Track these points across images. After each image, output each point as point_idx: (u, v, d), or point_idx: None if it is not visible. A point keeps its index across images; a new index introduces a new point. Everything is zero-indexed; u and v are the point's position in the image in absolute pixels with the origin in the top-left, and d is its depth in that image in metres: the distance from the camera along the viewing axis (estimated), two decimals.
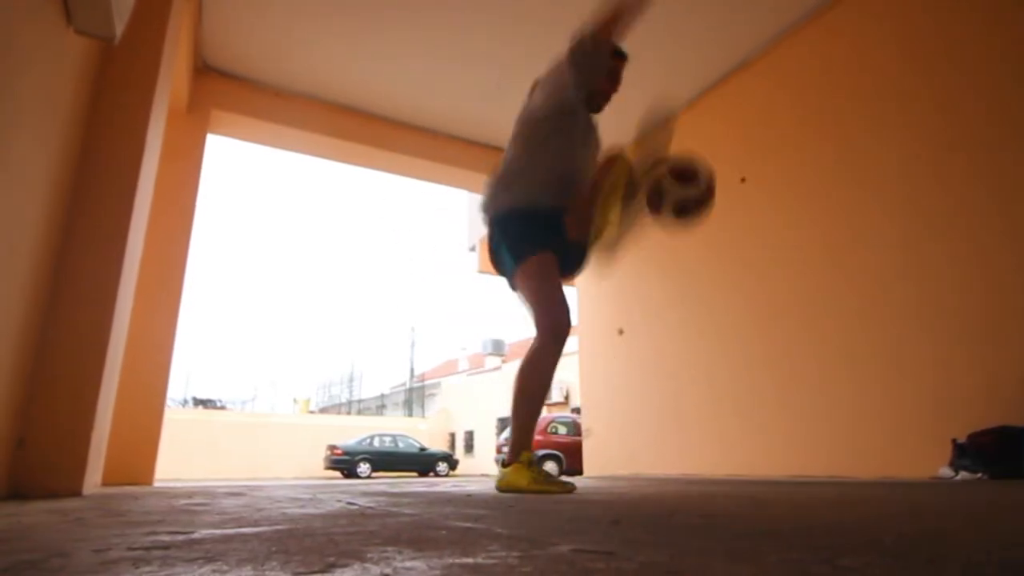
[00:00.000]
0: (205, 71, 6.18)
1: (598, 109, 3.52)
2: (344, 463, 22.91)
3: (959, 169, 4.20)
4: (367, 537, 1.18)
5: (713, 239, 6.05)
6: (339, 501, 2.32)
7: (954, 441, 3.72)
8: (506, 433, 18.76)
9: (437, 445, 28.98)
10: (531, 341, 3.21)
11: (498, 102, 6.86)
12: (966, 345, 3.98)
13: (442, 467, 24.84)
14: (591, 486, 3.73)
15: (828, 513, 1.63)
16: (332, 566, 0.85)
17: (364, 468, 23.03)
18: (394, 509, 1.89)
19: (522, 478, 2.90)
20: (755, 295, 5.58)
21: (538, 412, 3.23)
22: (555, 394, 24.26)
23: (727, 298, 5.88)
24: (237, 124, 6.53)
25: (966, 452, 3.65)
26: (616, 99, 3.52)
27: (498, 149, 7.70)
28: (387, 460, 23.83)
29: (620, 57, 3.53)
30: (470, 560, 0.88)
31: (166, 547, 1.07)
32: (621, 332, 7.15)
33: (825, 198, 5.08)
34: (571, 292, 8.72)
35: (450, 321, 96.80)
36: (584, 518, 1.55)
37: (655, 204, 3.10)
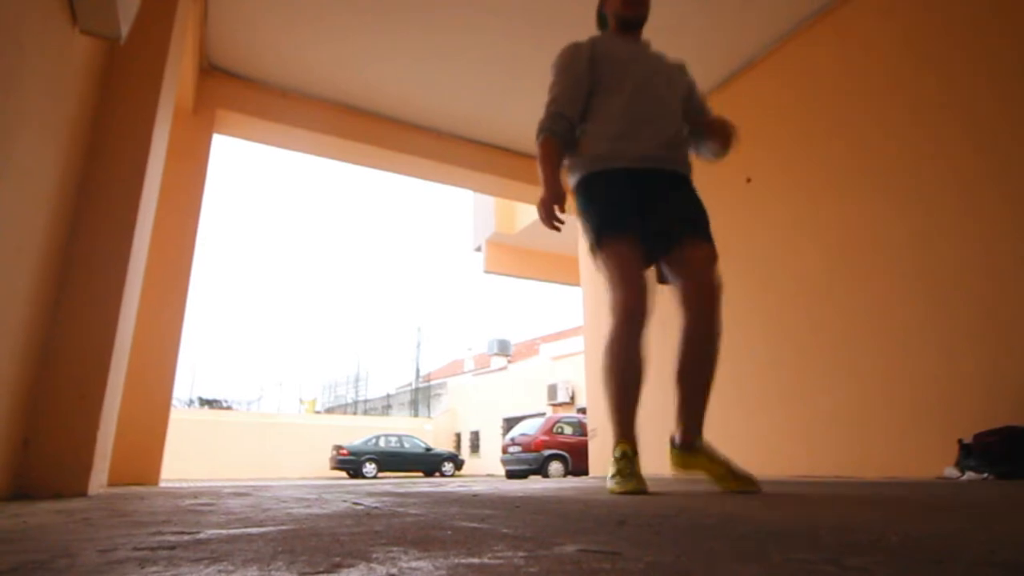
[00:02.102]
0: (211, 71, 6.19)
1: (629, 26, 3.23)
2: (350, 463, 22.94)
3: (968, 168, 4.18)
4: (373, 537, 1.18)
5: (718, 239, 6.04)
6: (345, 501, 2.32)
7: (960, 441, 3.71)
8: (513, 432, 18.71)
9: (443, 445, 29.02)
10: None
11: (503, 103, 6.87)
12: (972, 345, 3.97)
13: (448, 467, 24.86)
14: (597, 486, 3.73)
15: (834, 513, 1.63)
16: (338, 566, 0.85)
17: (370, 468, 23.06)
18: (400, 509, 1.89)
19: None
20: (761, 295, 5.57)
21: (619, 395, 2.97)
22: (560, 394, 24.28)
23: (732, 298, 5.86)
24: (243, 124, 6.54)
25: (972, 452, 3.64)
26: None
27: (504, 150, 7.73)
28: (393, 460, 23.87)
29: None
30: (476, 560, 0.88)
31: (172, 547, 1.07)
32: None
33: (833, 198, 5.07)
34: (577, 291, 8.71)
35: (456, 321, 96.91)
36: (590, 518, 1.54)
37: None
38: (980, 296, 3.98)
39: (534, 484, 4.61)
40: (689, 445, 2.97)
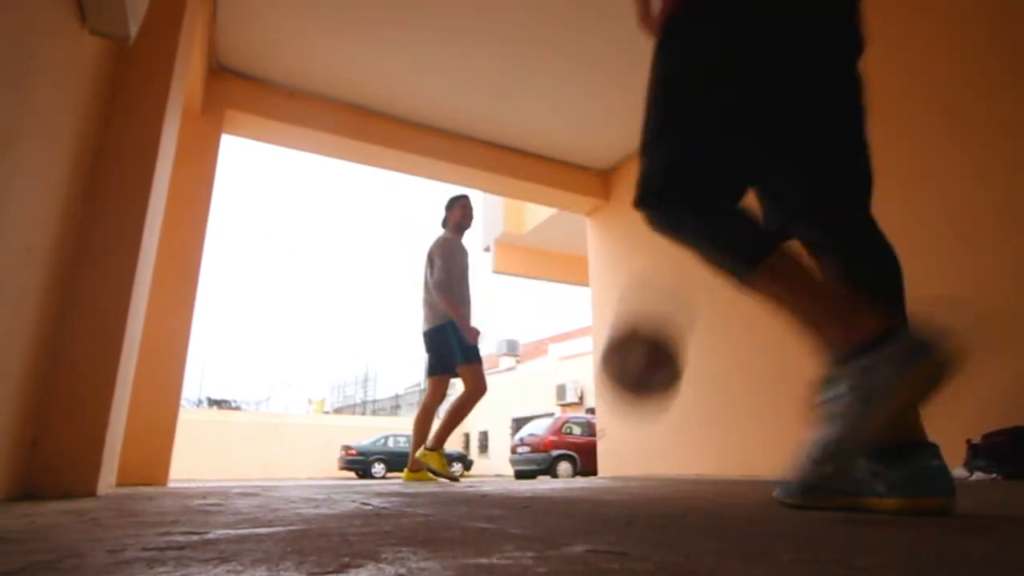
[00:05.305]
0: (219, 71, 6.21)
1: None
2: (358, 463, 22.98)
3: (955, 172, 4.19)
4: (381, 537, 1.18)
5: None
6: (353, 501, 2.32)
7: (968, 442, 3.70)
8: (522, 433, 18.91)
9: (451, 445, 28.97)
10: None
11: (511, 102, 6.87)
12: (979, 345, 3.95)
13: (456, 467, 24.85)
14: (605, 486, 3.73)
15: (842, 514, 1.63)
16: (346, 566, 0.85)
17: (379, 468, 23.11)
18: (408, 509, 1.89)
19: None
20: None
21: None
22: (569, 394, 24.25)
23: (738, 299, 5.85)
24: (251, 124, 6.55)
25: (980, 453, 3.62)
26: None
27: (513, 150, 7.73)
28: (402, 460, 23.82)
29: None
30: (484, 560, 0.88)
31: (180, 547, 1.07)
32: None
33: None
34: (585, 291, 8.72)
35: None
36: (598, 518, 1.54)
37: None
38: (985, 296, 3.96)
39: (543, 484, 4.61)
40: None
